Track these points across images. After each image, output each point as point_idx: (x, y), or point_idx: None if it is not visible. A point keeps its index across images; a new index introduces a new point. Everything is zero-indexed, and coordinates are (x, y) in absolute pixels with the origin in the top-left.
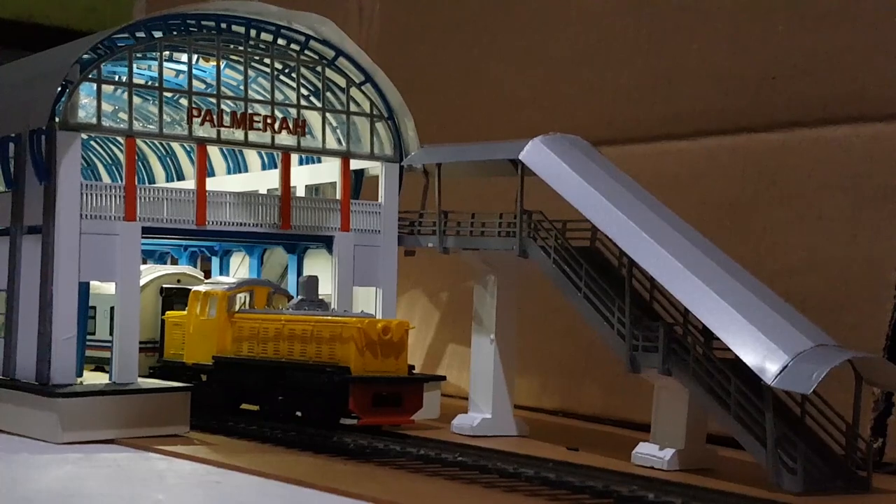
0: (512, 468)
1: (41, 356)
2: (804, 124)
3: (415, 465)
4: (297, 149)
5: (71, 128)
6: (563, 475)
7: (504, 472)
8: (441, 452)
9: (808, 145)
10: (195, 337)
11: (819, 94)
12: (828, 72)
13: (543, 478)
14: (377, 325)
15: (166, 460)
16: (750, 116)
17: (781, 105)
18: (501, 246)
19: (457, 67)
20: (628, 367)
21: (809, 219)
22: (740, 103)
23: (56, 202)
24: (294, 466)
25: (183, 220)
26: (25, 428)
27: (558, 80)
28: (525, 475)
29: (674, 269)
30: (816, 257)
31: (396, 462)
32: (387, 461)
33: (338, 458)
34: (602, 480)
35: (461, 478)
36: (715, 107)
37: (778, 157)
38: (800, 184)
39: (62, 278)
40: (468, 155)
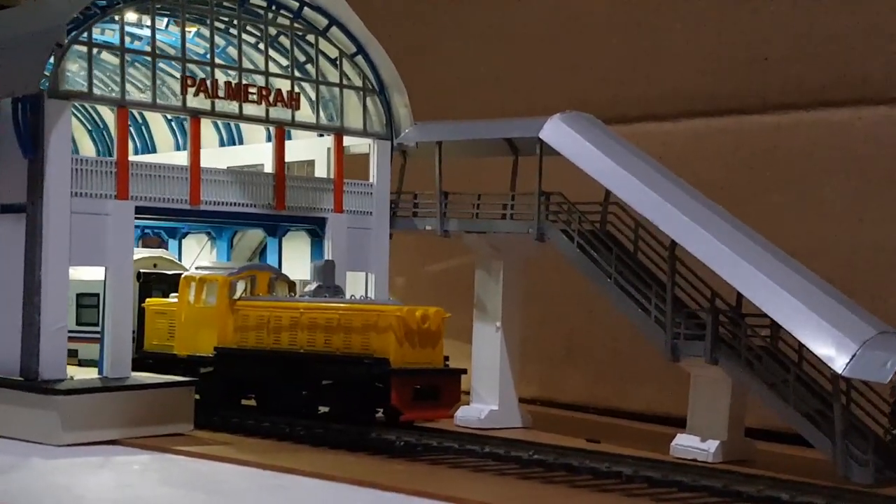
0: (605, 466)
1: (27, 349)
2: (799, 107)
3: (480, 463)
4: (291, 123)
5: (60, 96)
6: (669, 474)
7: (597, 471)
8: (510, 450)
9: (806, 128)
10: (189, 327)
11: (816, 77)
12: (825, 54)
13: (646, 477)
14: (416, 313)
15: (200, 462)
16: (740, 98)
17: (775, 87)
18: (515, 229)
19: (414, 43)
20: (668, 356)
21: (811, 203)
22: (729, 84)
23: (45, 178)
24: (348, 467)
25: (176, 199)
26: (12, 429)
27: (528, 58)
28: (625, 475)
29: (725, 256)
30: (819, 242)
31: (455, 461)
32: (444, 459)
33: (382, 457)
34: (721, 480)
35: (540, 477)
36: (701, 88)
37: (772, 140)
38: (798, 167)
39: (52, 262)
40: (476, 133)
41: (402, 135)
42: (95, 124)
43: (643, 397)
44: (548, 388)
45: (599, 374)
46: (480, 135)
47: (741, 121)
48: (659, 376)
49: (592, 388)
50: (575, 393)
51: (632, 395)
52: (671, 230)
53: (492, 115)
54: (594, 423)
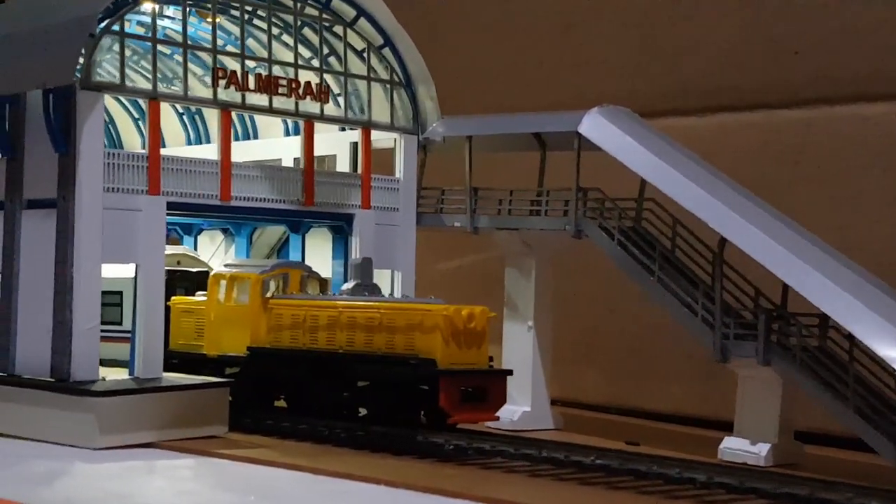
0: (675, 472)
1: (59, 349)
2: (831, 101)
3: (536, 468)
4: (320, 117)
5: (93, 87)
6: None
7: (668, 477)
8: (570, 454)
9: (838, 123)
10: (219, 325)
11: (849, 70)
12: (858, 47)
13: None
14: (462, 312)
15: (248, 467)
16: (767, 92)
17: (804, 81)
18: (551, 226)
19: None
20: (717, 357)
21: (843, 199)
22: (755, 78)
23: (77, 173)
24: (403, 471)
25: (207, 194)
26: (43, 431)
27: (540, 51)
28: (698, 481)
29: (778, 253)
30: (852, 238)
31: (509, 465)
32: (495, 464)
33: (429, 461)
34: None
35: (603, 483)
36: (726, 82)
37: (802, 135)
38: (830, 162)
39: (84, 259)
40: (508, 127)
41: (430, 129)
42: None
43: (669, 398)
44: (568, 388)
45: (621, 374)
46: (513, 129)
47: (770, 115)
48: (685, 376)
49: (614, 388)
50: (596, 393)
51: (656, 395)
52: (721, 227)
53: (503, 110)
54: (624, 424)
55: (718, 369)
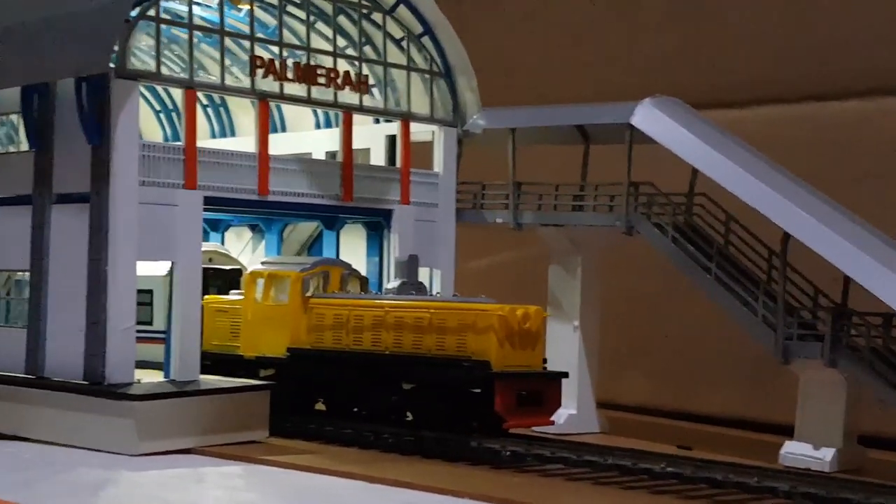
0: (754, 481)
1: (92, 350)
2: (884, 92)
3: (601, 476)
4: (360, 108)
5: (128, 76)
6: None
7: (746, 486)
8: (637, 462)
9: (893, 116)
10: (256, 326)
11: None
12: None
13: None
14: (517, 312)
15: (300, 475)
16: (816, 84)
17: (855, 72)
18: (601, 222)
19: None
20: (779, 358)
21: None
22: (803, 70)
23: (111, 166)
24: (465, 480)
25: (244, 188)
26: (77, 437)
27: (578, 44)
28: (780, 490)
29: (846, 250)
30: None
31: (570, 473)
32: (557, 471)
33: (485, 468)
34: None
35: (673, 492)
36: (773, 74)
37: (855, 128)
38: (887, 156)
39: (119, 257)
40: (553, 119)
41: (471, 121)
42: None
43: (714, 400)
44: (608, 390)
45: (664, 377)
46: (560, 121)
47: (820, 108)
48: (730, 378)
49: (656, 390)
50: (637, 395)
51: (701, 397)
52: (785, 222)
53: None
54: (670, 427)
55: (766, 371)
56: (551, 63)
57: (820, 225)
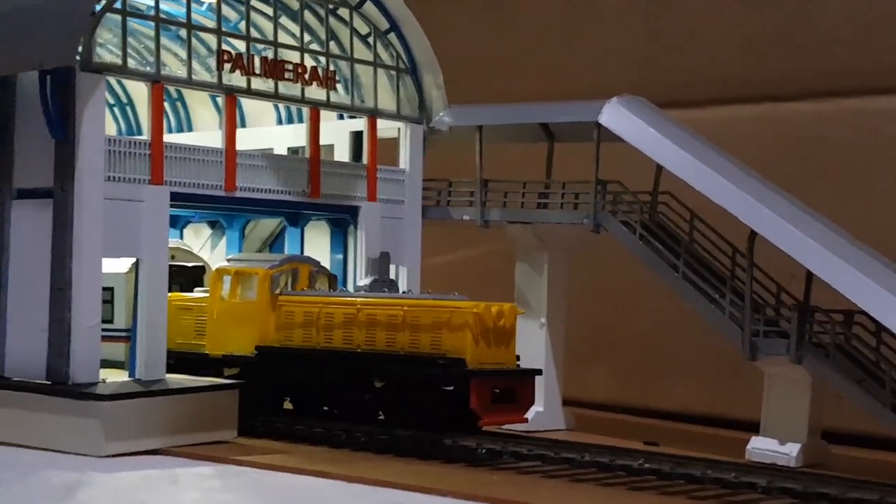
0: (732, 476)
1: (57, 349)
2: (841, 94)
3: (580, 473)
4: (327, 104)
5: (93, 69)
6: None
7: (724, 481)
8: (615, 458)
9: (850, 116)
10: (223, 324)
11: (860, 62)
12: (867, 40)
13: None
14: (492, 309)
15: (277, 475)
16: (776, 84)
17: (813, 74)
18: (569, 219)
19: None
20: (746, 354)
21: (858, 194)
22: (763, 70)
23: (77, 161)
24: (444, 478)
25: (211, 184)
26: (40, 438)
27: (543, 39)
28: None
29: (812, 248)
30: (870, 232)
31: (548, 470)
32: (534, 469)
33: (459, 465)
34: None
35: (652, 488)
36: (733, 73)
37: (813, 128)
38: (843, 156)
39: (85, 253)
40: (521, 117)
41: (437, 118)
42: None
43: (676, 396)
44: (572, 387)
45: (628, 373)
46: (527, 119)
47: (777, 108)
48: (694, 374)
49: (621, 387)
50: (602, 392)
51: (664, 394)
52: (752, 221)
53: (502, 99)
54: (636, 424)
55: (728, 368)
56: (513, 60)
57: (786, 223)
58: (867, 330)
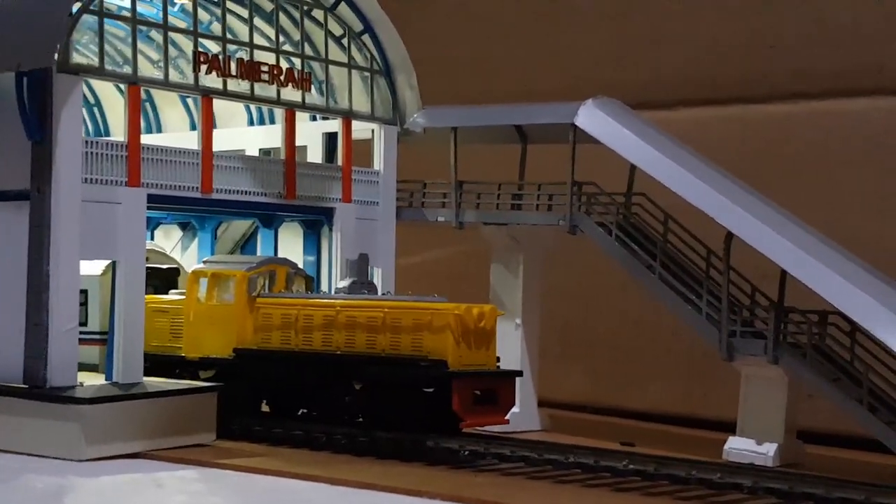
0: (717, 477)
1: (33, 352)
2: (810, 96)
3: (565, 475)
4: (302, 105)
5: (70, 70)
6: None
7: (710, 482)
8: (599, 459)
9: (819, 118)
10: (200, 326)
11: (828, 66)
12: (837, 43)
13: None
14: (473, 311)
15: (262, 478)
16: (745, 86)
17: (782, 75)
18: (544, 221)
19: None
20: (723, 355)
21: (826, 195)
22: (732, 72)
23: (53, 163)
24: (428, 480)
25: (187, 185)
26: (16, 442)
27: (512, 39)
28: (745, 486)
29: (787, 249)
30: (839, 234)
31: (530, 471)
32: (518, 470)
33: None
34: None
35: (637, 489)
36: (702, 74)
37: (782, 130)
38: (812, 158)
39: (62, 256)
40: (495, 118)
41: (411, 120)
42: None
43: (647, 396)
44: (542, 386)
45: (598, 373)
46: (501, 120)
47: (746, 110)
48: (664, 374)
49: (591, 387)
50: (572, 392)
51: (635, 394)
52: (728, 222)
53: (474, 101)
54: (609, 424)
55: (701, 367)
56: (486, 60)
57: (762, 224)
58: (841, 330)
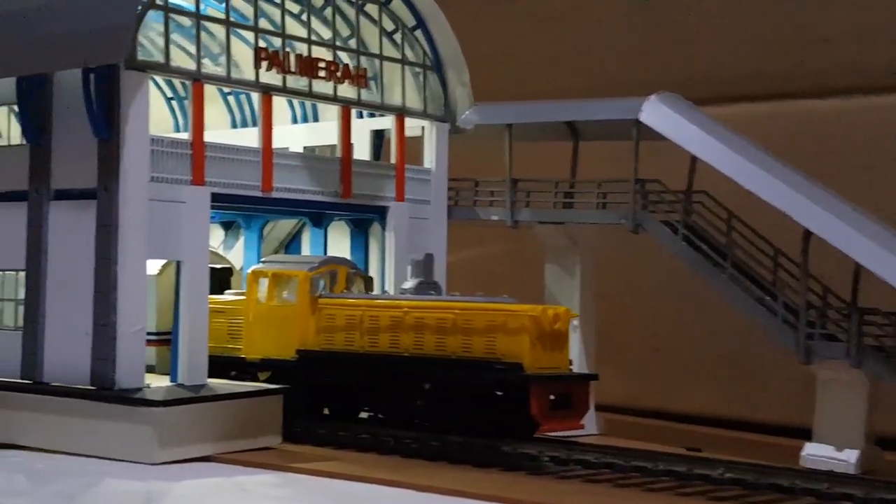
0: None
1: (101, 353)
2: (864, 91)
3: (652, 482)
4: (358, 102)
5: (138, 67)
6: None
7: (818, 493)
8: (692, 468)
9: (873, 114)
10: (260, 327)
11: (886, 60)
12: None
13: None
14: (549, 312)
15: (341, 483)
16: (793, 81)
17: (834, 70)
18: (605, 219)
19: None
20: (801, 358)
21: (881, 193)
22: (779, 67)
23: (121, 161)
24: (513, 487)
25: (248, 184)
26: (86, 445)
27: (542, 36)
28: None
29: (869, 248)
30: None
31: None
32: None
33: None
34: None
35: (732, 499)
36: (746, 70)
37: (833, 126)
38: (866, 154)
39: (129, 255)
40: (552, 115)
41: (464, 116)
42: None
43: (689, 399)
44: None
45: (640, 375)
46: (558, 117)
47: (794, 105)
48: (705, 376)
49: (633, 389)
50: (612, 394)
51: (676, 396)
52: (807, 221)
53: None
54: (660, 427)
55: (742, 369)
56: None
57: (841, 222)
58: None
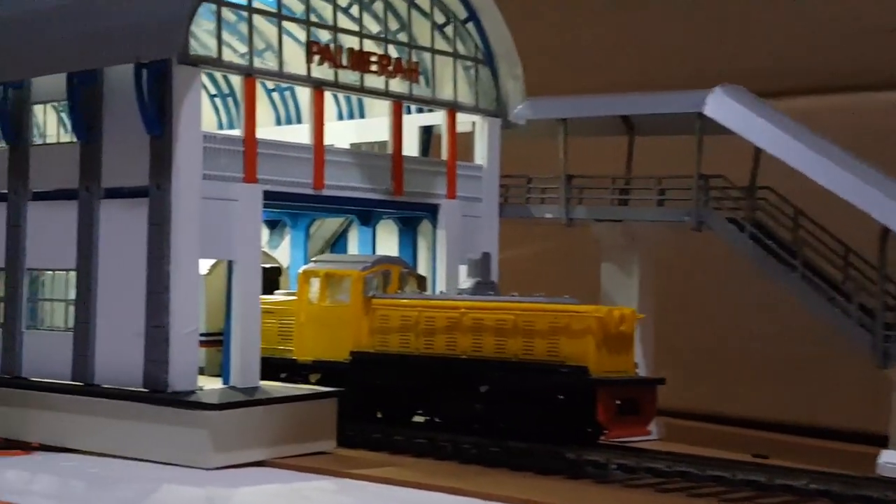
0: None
1: (154, 355)
2: None
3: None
4: (409, 97)
5: (190, 62)
6: None
7: None
8: (773, 477)
9: None
10: (312, 328)
11: None
12: None
13: None
14: (614, 314)
15: (404, 490)
16: (859, 74)
17: None
18: (667, 217)
19: None
20: (879, 362)
21: None
22: (844, 58)
23: (174, 158)
24: (584, 496)
25: (300, 182)
26: (139, 449)
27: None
28: None
29: None
30: None
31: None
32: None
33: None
34: None
35: None
36: (808, 62)
37: None
38: None
39: (183, 255)
40: (609, 109)
41: (517, 111)
42: None
43: (755, 402)
44: None
45: (697, 377)
46: (616, 111)
47: (859, 98)
48: (761, 380)
49: (689, 392)
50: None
51: (730, 400)
52: (884, 217)
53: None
54: (718, 432)
55: (800, 373)
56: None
57: None
58: None
